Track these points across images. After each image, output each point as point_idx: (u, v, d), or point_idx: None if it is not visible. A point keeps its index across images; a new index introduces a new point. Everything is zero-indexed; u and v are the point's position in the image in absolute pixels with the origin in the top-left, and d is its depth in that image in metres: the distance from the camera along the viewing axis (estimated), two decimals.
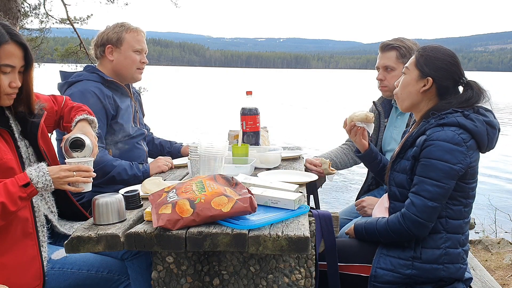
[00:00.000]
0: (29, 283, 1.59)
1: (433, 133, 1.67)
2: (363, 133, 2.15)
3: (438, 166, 1.63)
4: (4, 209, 1.49)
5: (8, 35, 1.57)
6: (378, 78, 2.51)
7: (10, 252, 1.58)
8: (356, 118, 2.12)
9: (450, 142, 1.63)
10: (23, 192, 1.52)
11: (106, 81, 2.42)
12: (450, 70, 1.77)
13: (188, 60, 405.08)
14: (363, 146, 2.17)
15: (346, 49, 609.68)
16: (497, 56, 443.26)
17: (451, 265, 1.71)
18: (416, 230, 1.67)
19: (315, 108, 23.38)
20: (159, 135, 2.91)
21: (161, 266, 1.53)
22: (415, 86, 1.81)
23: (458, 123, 1.66)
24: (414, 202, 1.66)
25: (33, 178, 1.54)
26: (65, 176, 1.58)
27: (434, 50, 1.80)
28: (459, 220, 1.73)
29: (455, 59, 1.79)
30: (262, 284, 1.52)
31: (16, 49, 1.60)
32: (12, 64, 1.59)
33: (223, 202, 1.44)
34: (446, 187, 1.64)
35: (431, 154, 1.65)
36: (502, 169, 9.24)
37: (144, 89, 10.21)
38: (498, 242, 4.18)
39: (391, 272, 1.72)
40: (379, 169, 2.19)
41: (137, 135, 2.54)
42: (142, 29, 2.54)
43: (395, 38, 2.47)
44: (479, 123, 1.68)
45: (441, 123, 1.68)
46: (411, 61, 1.84)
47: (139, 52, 2.49)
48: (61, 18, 10.38)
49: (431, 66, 1.77)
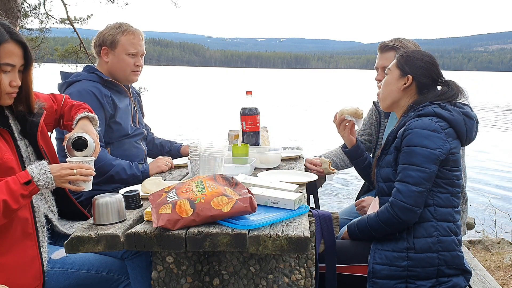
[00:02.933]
0: (29, 283, 1.59)
1: (412, 123, 1.76)
2: (351, 128, 2.22)
3: (418, 151, 1.71)
4: (6, 207, 1.48)
5: (7, 34, 1.57)
6: (377, 79, 2.51)
7: (10, 253, 1.58)
8: (346, 112, 2.17)
9: (428, 128, 1.72)
10: (24, 189, 1.51)
11: (105, 80, 2.42)
12: (428, 68, 1.88)
13: (188, 60, 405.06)
14: (351, 142, 2.24)
15: (346, 49, 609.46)
16: (497, 56, 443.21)
17: (446, 252, 1.73)
18: (404, 216, 1.70)
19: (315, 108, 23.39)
20: (159, 135, 2.91)
21: (161, 266, 1.53)
22: (396, 84, 1.91)
23: (434, 112, 1.76)
24: (399, 189, 1.72)
25: (34, 176, 1.54)
26: (66, 174, 1.58)
27: (413, 52, 1.94)
28: (448, 208, 1.76)
29: (433, 59, 1.92)
30: (262, 284, 1.52)
31: (16, 47, 1.60)
32: (12, 63, 1.59)
33: (223, 202, 1.44)
34: (428, 171, 1.70)
35: (410, 142, 1.73)
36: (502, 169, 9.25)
37: (144, 89, 10.20)
38: (498, 242, 4.18)
39: (388, 266, 1.73)
40: (364, 166, 2.26)
41: (136, 134, 2.54)
42: (141, 31, 2.52)
43: (394, 38, 2.47)
44: (455, 113, 1.78)
45: (418, 114, 1.78)
46: (393, 63, 1.96)
47: (133, 55, 2.47)
48: (61, 18, 10.38)
49: (410, 64, 1.89)
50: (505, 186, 7.95)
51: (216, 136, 2.09)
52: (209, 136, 1.97)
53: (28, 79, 1.69)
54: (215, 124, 14.53)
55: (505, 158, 10.11)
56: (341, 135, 2.24)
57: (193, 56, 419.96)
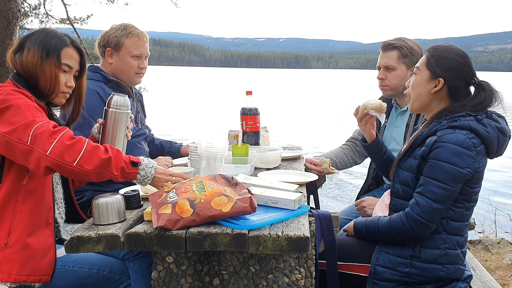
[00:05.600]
0: (43, 270, 1.63)
1: (444, 135, 1.65)
2: (372, 122, 2.13)
3: (445, 168, 1.62)
4: (108, 165, 1.53)
5: (69, 40, 1.77)
6: (379, 77, 2.51)
7: (35, 235, 1.63)
8: (370, 106, 2.08)
9: (461, 145, 1.62)
10: (128, 167, 1.58)
11: (109, 80, 2.42)
12: (461, 71, 1.74)
13: (188, 60, 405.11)
14: (371, 136, 2.15)
15: (346, 49, 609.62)
16: (497, 56, 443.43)
17: (450, 265, 1.71)
18: (418, 230, 1.66)
19: (315, 108, 23.39)
20: (159, 135, 2.91)
21: (161, 266, 1.53)
22: (426, 87, 1.78)
23: (470, 127, 1.65)
24: (419, 202, 1.66)
25: (143, 164, 1.62)
26: (165, 180, 1.67)
27: (445, 50, 1.77)
28: (459, 222, 1.72)
29: (467, 59, 1.77)
30: (262, 284, 1.52)
31: (75, 53, 1.78)
32: (70, 65, 1.75)
33: (223, 202, 1.44)
34: (452, 190, 1.63)
35: (439, 156, 1.64)
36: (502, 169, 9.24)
37: (144, 89, 10.21)
38: (498, 242, 4.17)
39: (390, 270, 1.72)
40: (382, 161, 2.17)
41: (139, 135, 2.53)
42: (146, 33, 2.52)
43: (397, 37, 2.46)
44: (491, 129, 1.67)
45: (453, 125, 1.67)
46: (422, 61, 1.81)
47: (137, 57, 2.47)
48: (61, 18, 10.38)
49: (442, 66, 1.74)
50: (505, 186, 7.95)
51: (216, 136, 2.08)
52: (209, 136, 1.96)
53: (82, 84, 1.86)
54: (215, 124, 14.53)
55: (505, 158, 10.11)
56: (362, 129, 2.15)
57: (193, 56, 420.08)
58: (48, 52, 1.69)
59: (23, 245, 1.59)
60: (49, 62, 1.69)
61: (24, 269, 1.59)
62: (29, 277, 1.59)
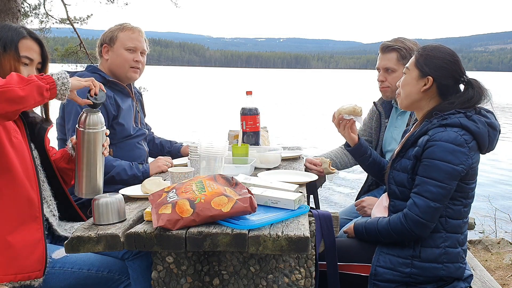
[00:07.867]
0: (32, 266, 1.61)
1: (436, 134, 1.67)
2: (351, 126, 2.14)
3: (440, 166, 1.64)
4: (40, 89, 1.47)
5: (26, 31, 1.72)
6: (379, 80, 2.50)
7: (17, 233, 1.60)
8: (344, 111, 2.11)
9: (453, 143, 1.64)
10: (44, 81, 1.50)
11: (108, 81, 2.41)
12: (450, 69, 1.76)
13: (188, 60, 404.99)
14: (353, 140, 2.16)
15: (346, 49, 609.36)
16: (497, 56, 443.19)
17: (450, 264, 1.72)
18: (418, 231, 1.67)
19: (315, 108, 23.38)
20: (159, 135, 2.91)
21: (161, 266, 1.53)
22: (416, 86, 1.80)
23: (460, 124, 1.67)
24: (417, 202, 1.67)
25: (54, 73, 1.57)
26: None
27: (433, 49, 1.80)
28: (458, 220, 1.73)
29: (455, 57, 1.79)
30: (262, 284, 1.52)
31: (34, 44, 1.72)
32: (31, 57, 1.70)
33: (223, 202, 1.44)
34: (448, 187, 1.65)
35: (433, 155, 1.65)
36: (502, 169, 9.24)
37: (144, 89, 10.21)
38: (498, 242, 4.17)
39: (391, 271, 1.72)
40: (368, 164, 2.18)
41: (138, 135, 2.53)
42: (141, 28, 2.52)
43: (396, 38, 2.46)
44: (481, 125, 1.69)
45: (443, 123, 1.69)
46: (411, 61, 1.84)
47: (132, 50, 2.46)
48: (61, 18, 10.40)
49: (431, 65, 1.77)
50: (505, 186, 7.95)
51: (216, 136, 2.08)
52: (209, 136, 1.96)
53: None
54: (215, 124, 14.53)
55: (504, 158, 10.11)
56: (342, 134, 2.17)
57: (193, 56, 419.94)
58: (5, 46, 1.64)
59: (4, 244, 1.57)
60: (7, 56, 1.64)
61: (10, 268, 1.56)
62: (16, 276, 1.57)
